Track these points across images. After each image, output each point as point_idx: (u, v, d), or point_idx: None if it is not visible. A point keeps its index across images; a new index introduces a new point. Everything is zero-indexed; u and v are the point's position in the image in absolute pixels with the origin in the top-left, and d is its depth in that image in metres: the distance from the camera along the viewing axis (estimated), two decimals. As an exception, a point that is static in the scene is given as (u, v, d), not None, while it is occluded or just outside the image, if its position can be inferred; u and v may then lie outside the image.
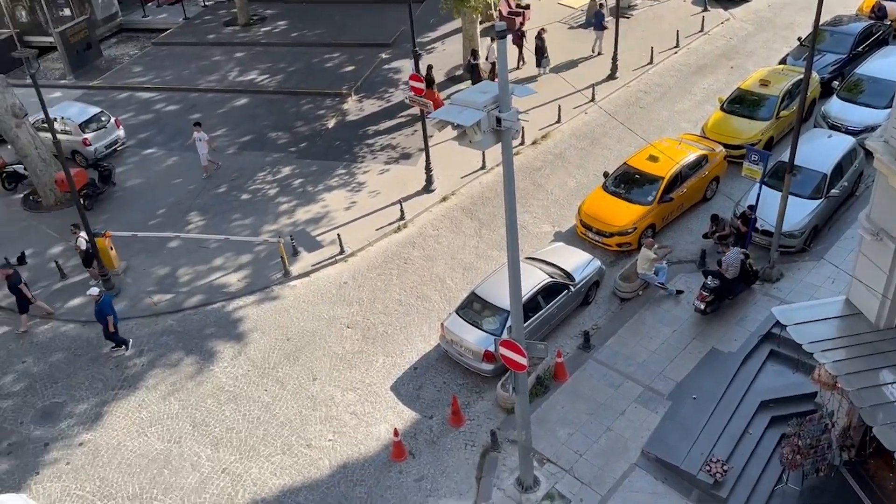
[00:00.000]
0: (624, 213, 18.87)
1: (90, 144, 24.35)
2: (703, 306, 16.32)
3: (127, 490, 14.40)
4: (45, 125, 18.55)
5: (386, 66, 29.51)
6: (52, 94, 28.58)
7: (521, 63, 27.81)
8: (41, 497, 14.34)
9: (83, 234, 18.97)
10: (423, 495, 13.89)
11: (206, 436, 15.38)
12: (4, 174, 23.60)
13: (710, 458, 13.39)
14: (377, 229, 20.68)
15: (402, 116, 25.92)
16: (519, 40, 27.49)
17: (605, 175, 20.42)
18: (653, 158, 19.67)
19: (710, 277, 16.37)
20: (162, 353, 17.43)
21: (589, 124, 24.58)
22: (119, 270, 19.86)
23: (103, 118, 25.07)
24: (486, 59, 26.80)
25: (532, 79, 26.92)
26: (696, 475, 13.25)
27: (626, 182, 19.74)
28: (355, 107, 27.05)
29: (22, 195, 23.60)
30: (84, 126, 24.43)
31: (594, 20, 27.70)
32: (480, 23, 27.58)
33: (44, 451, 15.31)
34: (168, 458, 14.95)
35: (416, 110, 23.61)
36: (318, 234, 20.71)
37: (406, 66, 28.68)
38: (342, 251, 19.89)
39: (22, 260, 20.52)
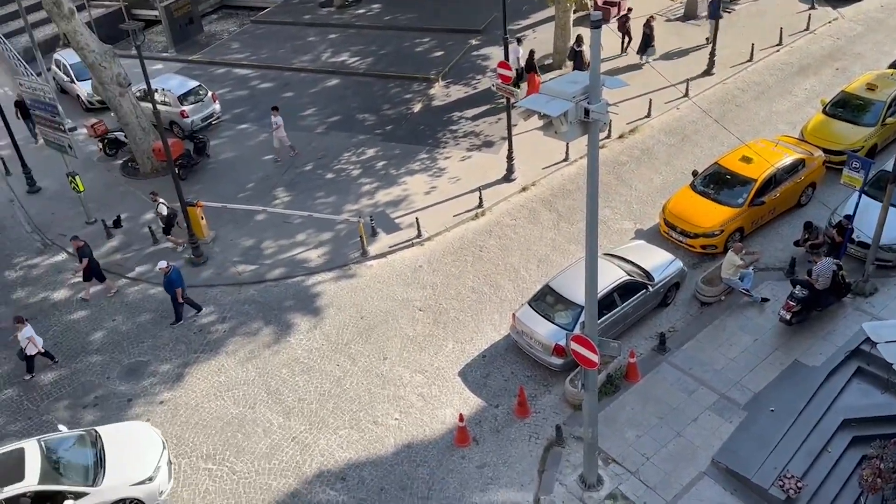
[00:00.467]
0: (711, 215, 18.27)
1: (187, 116, 25.33)
2: (788, 316, 15.66)
3: (202, 450, 15.04)
4: (147, 95, 19.41)
5: (475, 53, 29.45)
6: (154, 66, 29.86)
7: (625, 49, 27.28)
8: (124, 448, 15.13)
9: (162, 200, 19.85)
10: (483, 482, 13.95)
11: (279, 404, 15.88)
12: (106, 140, 24.85)
13: (785, 474, 12.90)
14: (455, 215, 20.75)
15: (487, 104, 25.84)
16: (624, 27, 27.00)
17: (695, 174, 19.81)
18: (746, 159, 18.94)
19: (798, 287, 15.69)
20: (242, 322, 18.07)
21: (680, 120, 23.88)
22: (208, 239, 20.67)
23: (201, 92, 26.01)
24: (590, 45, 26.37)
25: (635, 66, 26.34)
26: (767, 489, 12.80)
27: (716, 182, 19.09)
28: (441, 92, 27.14)
29: (121, 161, 24.82)
30: (183, 98, 25.41)
31: (710, 8, 26.94)
32: (574, 11, 27.13)
33: (127, 406, 16.15)
34: (242, 423, 15.53)
35: (501, 98, 23.50)
36: (397, 217, 20.95)
37: (495, 53, 28.55)
38: (419, 235, 20.07)
39: (118, 223, 21.62)
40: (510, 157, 21.60)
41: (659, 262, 17.15)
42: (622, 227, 19.85)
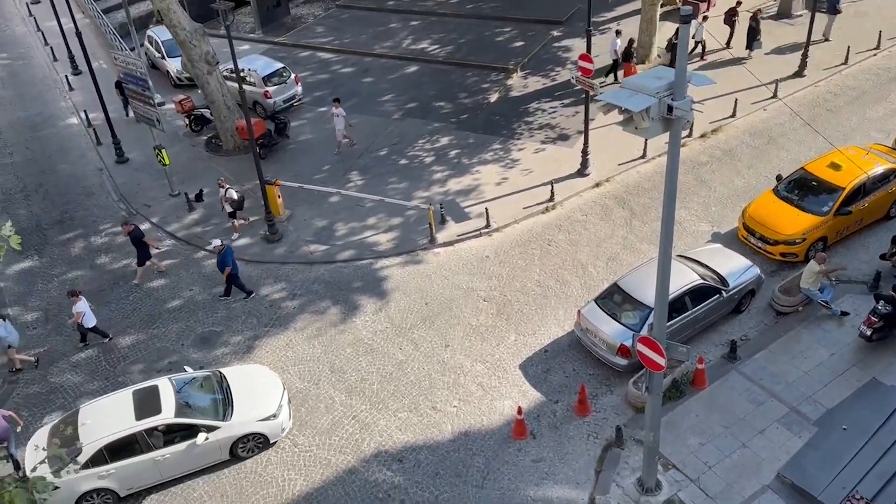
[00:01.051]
0: (794, 222, 17.59)
1: (270, 97, 25.97)
2: (869, 332, 14.97)
3: (266, 420, 15.51)
4: (233, 75, 19.99)
5: (556, 44, 29.11)
6: (241, 47, 30.74)
7: (729, 43, 26.58)
8: (193, 413, 15.76)
9: (231, 187, 20.38)
10: (539, 476, 13.91)
11: (342, 382, 16.21)
12: (192, 116, 25.73)
13: (853, 495, 12.39)
14: (525, 208, 20.64)
15: (564, 96, 25.53)
16: (730, 20, 26.35)
17: (778, 178, 19.11)
18: (834, 166, 18.14)
19: (881, 302, 14.97)
20: (311, 300, 18.49)
21: (766, 122, 23.04)
22: (283, 218, 21.20)
23: (284, 74, 26.60)
24: (693, 37, 25.84)
25: (739, 60, 25.63)
26: (835, 510, 12.32)
27: (801, 188, 18.36)
28: (519, 83, 26.96)
29: (206, 138, 25.68)
30: (267, 79, 26.05)
31: (827, 2, 25.99)
32: (662, 6, 26.47)
33: (199, 373, 16.80)
34: (306, 397, 15.93)
35: (580, 90, 23.16)
36: (467, 206, 20.99)
37: (577, 45, 28.14)
38: (488, 225, 20.06)
39: (199, 197, 22.41)
40: (585, 152, 21.31)
41: (735, 267, 16.65)
42: (698, 229, 19.34)
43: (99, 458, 13.45)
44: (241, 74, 21.58)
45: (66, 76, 30.94)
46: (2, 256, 7.02)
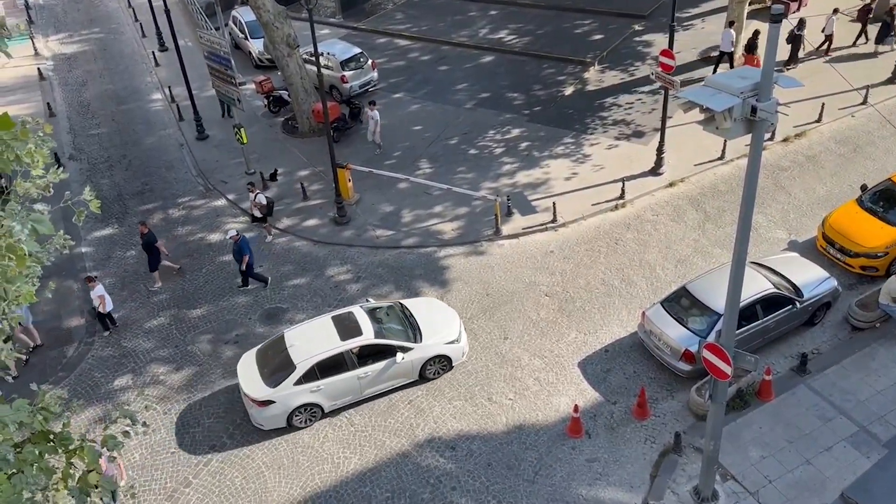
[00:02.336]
0: (877, 234, 16.83)
1: (347, 82, 26.34)
2: (953, 356, 14.22)
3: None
4: (312, 58, 20.34)
5: (637, 39, 28.52)
6: (321, 31, 31.20)
7: (861, 39, 25.76)
8: (256, 386, 16.21)
9: (259, 190, 20.36)
10: (592, 476, 13.78)
11: (400, 367, 16.40)
12: (271, 97, 26.34)
13: (925, 525, 11.83)
14: (593, 204, 20.36)
15: (642, 92, 25.02)
16: (864, 16, 25.63)
17: (863, 188, 18.29)
18: (925, 179, 17.25)
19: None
20: (374, 283, 18.75)
21: (854, 129, 22.06)
22: (352, 201, 21.53)
23: (362, 59, 26.91)
24: (822, 31, 25.04)
25: (869, 55, 24.87)
26: (902, 538, 11.80)
27: (887, 200, 17.53)
28: (596, 76, 26.54)
29: (283, 119, 26.26)
30: (344, 64, 26.42)
31: None
32: (749, 3, 25.59)
33: (264, 347, 17.26)
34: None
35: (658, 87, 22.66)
36: (534, 200, 20.84)
37: (658, 40, 27.51)
38: (554, 220, 19.88)
39: (274, 177, 22.96)
40: (660, 150, 20.84)
41: (811, 278, 16.05)
42: (775, 236, 18.71)
43: (311, 375, 14.73)
44: (321, 59, 21.94)
45: (152, 52, 32.14)
46: (82, 219, 7.37)
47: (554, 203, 20.07)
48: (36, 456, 6.35)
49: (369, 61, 27.13)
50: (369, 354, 15.11)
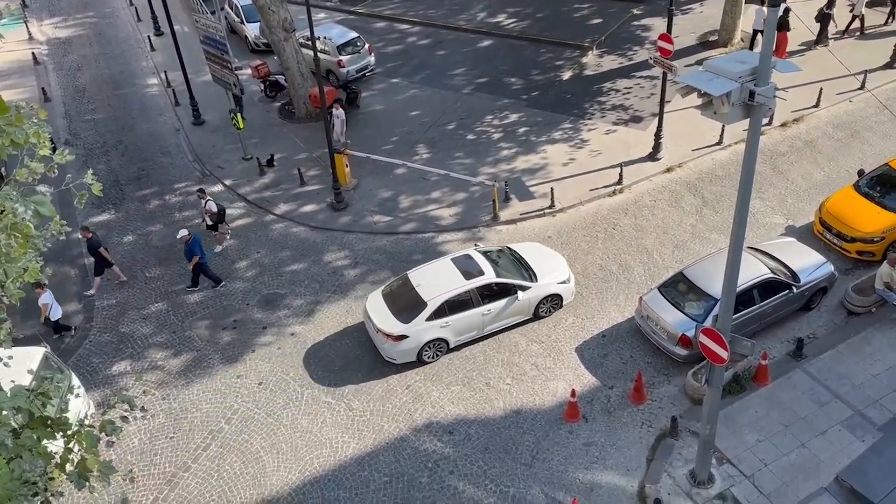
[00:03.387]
0: (874, 219, 16.85)
1: (344, 66, 26.19)
2: (948, 340, 14.29)
3: (323, 383, 15.90)
4: (309, 42, 20.21)
5: (635, 23, 28.38)
6: (317, 15, 31.02)
7: (891, 19, 25.79)
8: (252, 373, 16.29)
9: (210, 197, 19.69)
10: (588, 460, 13.87)
11: (398, 352, 16.44)
12: (268, 82, 26.20)
13: (918, 507, 11.92)
14: (591, 189, 20.34)
15: (640, 77, 24.93)
16: None
17: (860, 173, 18.29)
18: (923, 164, 17.25)
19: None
20: (372, 269, 18.75)
21: (852, 114, 22.02)
22: (350, 186, 21.48)
23: (359, 43, 26.74)
24: (851, 10, 25.14)
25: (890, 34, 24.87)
26: (895, 519, 11.90)
27: (884, 185, 17.54)
28: (594, 61, 26.43)
29: (279, 104, 26.13)
30: (341, 48, 26.25)
31: None
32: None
33: (261, 333, 17.29)
34: (362, 364, 16.24)
35: (658, 72, 22.59)
36: (532, 185, 20.82)
37: (657, 24, 27.39)
38: (552, 205, 19.86)
39: (271, 162, 22.88)
40: (658, 135, 20.80)
41: (807, 263, 16.08)
42: (772, 221, 18.73)
43: (441, 311, 15.64)
44: (317, 43, 21.80)
45: (148, 37, 31.93)
46: (83, 202, 7.38)
47: (552, 188, 20.04)
48: (34, 441, 6.38)
49: (366, 45, 26.98)
50: (491, 293, 15.97)
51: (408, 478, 13.88)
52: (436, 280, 16.13)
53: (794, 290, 15.54)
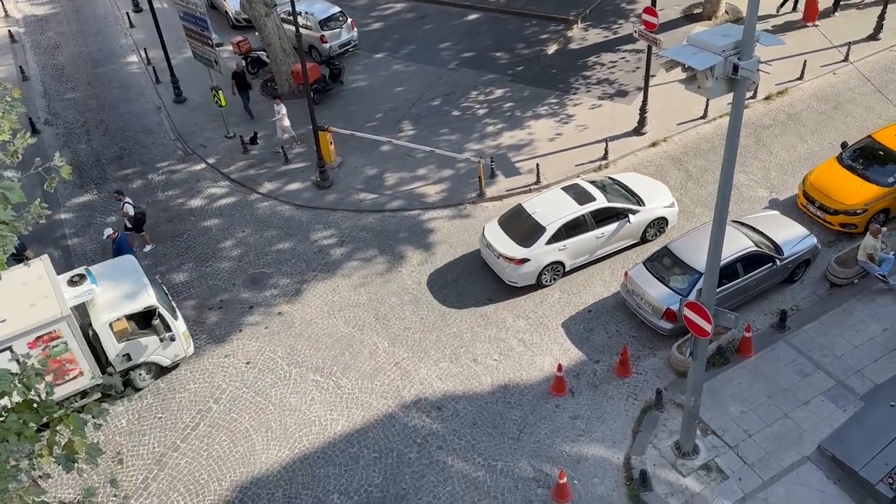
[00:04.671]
0: (856, 192, 16.98)
1: (326, 42, 25.88)
2: (928, 310, 14.50)
3: (311, 362, 15.94)
4: (290, 17, 19.93)
5: (619, -3, 28.20)
6: (299, -10, 30.52)
7: None
8: (240, 353, 16.29)
9: (128, 199, 18.81)
10: (575, 433, 14.03)
11: (386, 329, 16.48)
12: (249, 58, 25.84)
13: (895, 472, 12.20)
14: (577, 165, 20.34)
15: (625, 51, 24.84)
16: None
17: (843, 146, 18.39)
18: (905, 135, 17.36)
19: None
20: (359, 247, 18.71)
21: (835, 86, 22.07)
22: (335, 164, 21.34)
23: (341, 18, 26.40)
24: None
25: None
26: (874, 485, 12.16)
27: (867, 157, 17.65)
28: (579, 35, 26.27)
29: (262, 80, 25.82)
30: (323, 24, 25.92)
31: None
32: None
33: (248, 313, 17.26)
34: (350, 342, 16.27)
35: (642, 45, 22.49)
36: (518, 161, 20.78)
37: (641, -2, 27.23)
38: (538, 181, 19.85)
39: (254, 140, 22.67)
40: (643, 110, 20.78)
41: (791, 235, 16.21)
42: (756, 194, 18.83)
43: (559, 235, 16.50)
44: (299, 18, 21.50)
45: (126, 13, 31.37)
46: (53, 186, 7.24)
47: (538, 164, 20.01)
48: (20, 424, 6.36)
49: (349, 20, 26.65)
50: (603, 218, 16.86)
51: (397, 453, 13.99)
52: (551, 207, 16.97)
53: (778, 262, 15.68)
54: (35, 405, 6.62)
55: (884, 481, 12.16)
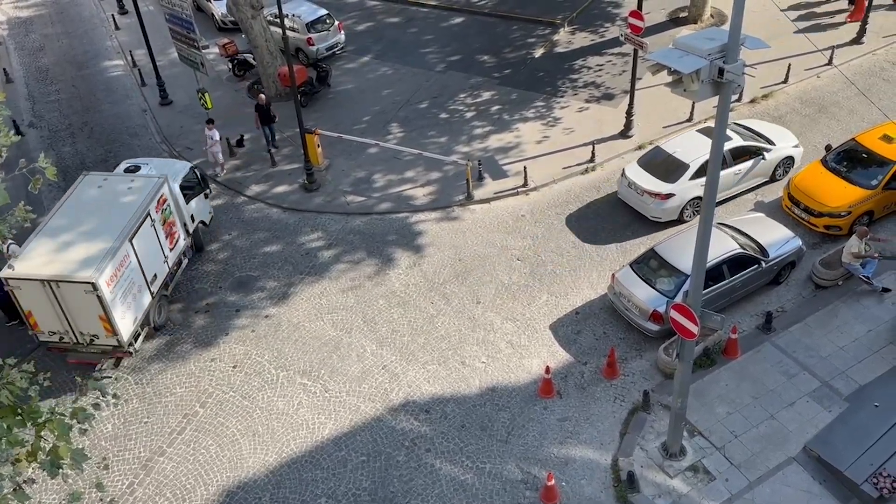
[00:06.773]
0: (840, 194, 17.14)
1: (313, 44, 25.82)
2: (911, 311, 14.65)
3: (299, 365, 15.88)
4: (277, 20, 19.87)
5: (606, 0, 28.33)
6: (286, -7, 30.44)
7: None
8: (227, 356, 16.20)
9: (10, 241, 15.95)
10: (563, 435, 14.06)
11: (374, 332, 16.45)
12: (236, 61, 25.75)
13: (881, 472, 12.32)
14: (564, 167, 20.41)
15: (612, 54, 24.95)
16: None
17: (827, 148, 18.57)
18: (887, 139, 17.54)
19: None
20: (347, 250, 18.67)
21: (819, 90, 22.28)
22: (322, 167, 21.28)
23: (328, 21, 26.35)
24: None
25: None
26: (860, 485, 12.28)
27: (851, 160, 17.82)
28: (566, 38, 26.38)
29: (248, 83, 25.72)
30: (310, 26, 25.86)
31: None
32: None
33: (235, 316, 17.18)
34: (338, 345, 16.23)
35: (628, 49, 22.61)
36: (505, 164, 20.82)
37: (628, 0, 27.34)
38: (525, 184, 19.90)
39: (240, 143, 22.58)
40: (630, 113, 20.89)
41: (776, 237, 16.34)
42: (742, 197, 18.95)
43: (700, 171, 17.44)
44: (286, 20, 21.43)
45: (112, 15, 31.17)
46: (38, 187, 7.17)
47: (525, 167, 20.06)
48: (4, 430, 6.29)
49: (336, 23, 26.61)
50: (738, 155, 17.98)
51: (385, 456, 13.97)
52: (690, 146, 18.10)
53: (763, 264, 15.80)
54: (20, 410, 6.56)
55: (869, 481, 12.29)
